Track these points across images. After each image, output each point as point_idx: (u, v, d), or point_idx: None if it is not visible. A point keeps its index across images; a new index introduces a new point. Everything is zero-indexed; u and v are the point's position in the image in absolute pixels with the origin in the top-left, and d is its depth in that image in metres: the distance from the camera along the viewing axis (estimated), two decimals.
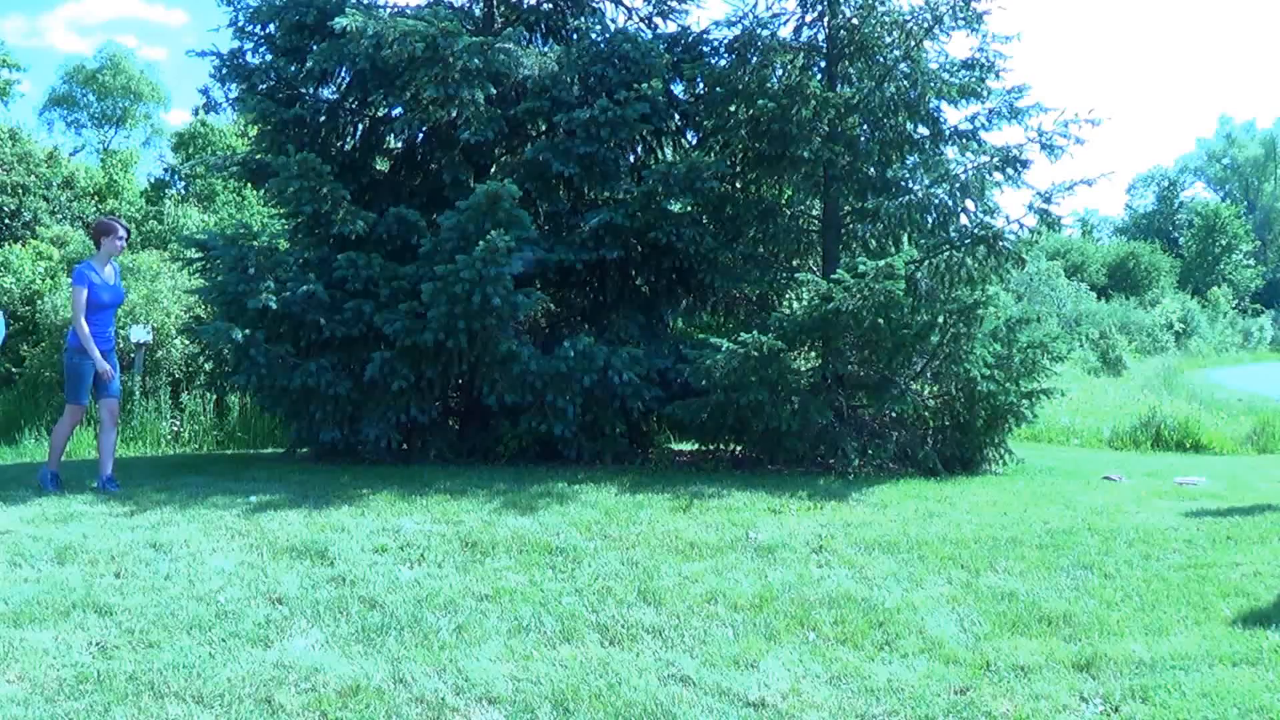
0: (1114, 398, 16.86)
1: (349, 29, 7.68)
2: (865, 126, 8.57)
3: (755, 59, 8.38)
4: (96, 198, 24.07)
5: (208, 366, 9.01)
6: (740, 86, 8.33)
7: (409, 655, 3.71)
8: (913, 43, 8.26)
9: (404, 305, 7.50)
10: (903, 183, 8.64)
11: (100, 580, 4.58)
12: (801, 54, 8.57)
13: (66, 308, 12.26)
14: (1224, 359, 34.18)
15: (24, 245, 16.50)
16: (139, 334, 10.94)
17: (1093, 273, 41.90)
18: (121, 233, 6.96)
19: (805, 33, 8.61)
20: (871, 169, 8.57)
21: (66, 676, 3.46)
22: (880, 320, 7.62)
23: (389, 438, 7.87)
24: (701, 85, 8.90)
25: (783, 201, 9.09)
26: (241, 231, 8.14)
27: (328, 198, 7.82)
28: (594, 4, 9.29)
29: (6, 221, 19.28)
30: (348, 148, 9.16)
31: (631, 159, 8.88)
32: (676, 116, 8.99)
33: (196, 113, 23.37)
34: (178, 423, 10.45)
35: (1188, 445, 11.25)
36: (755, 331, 7.41)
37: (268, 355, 7.51)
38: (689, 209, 8.71)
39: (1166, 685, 3.48)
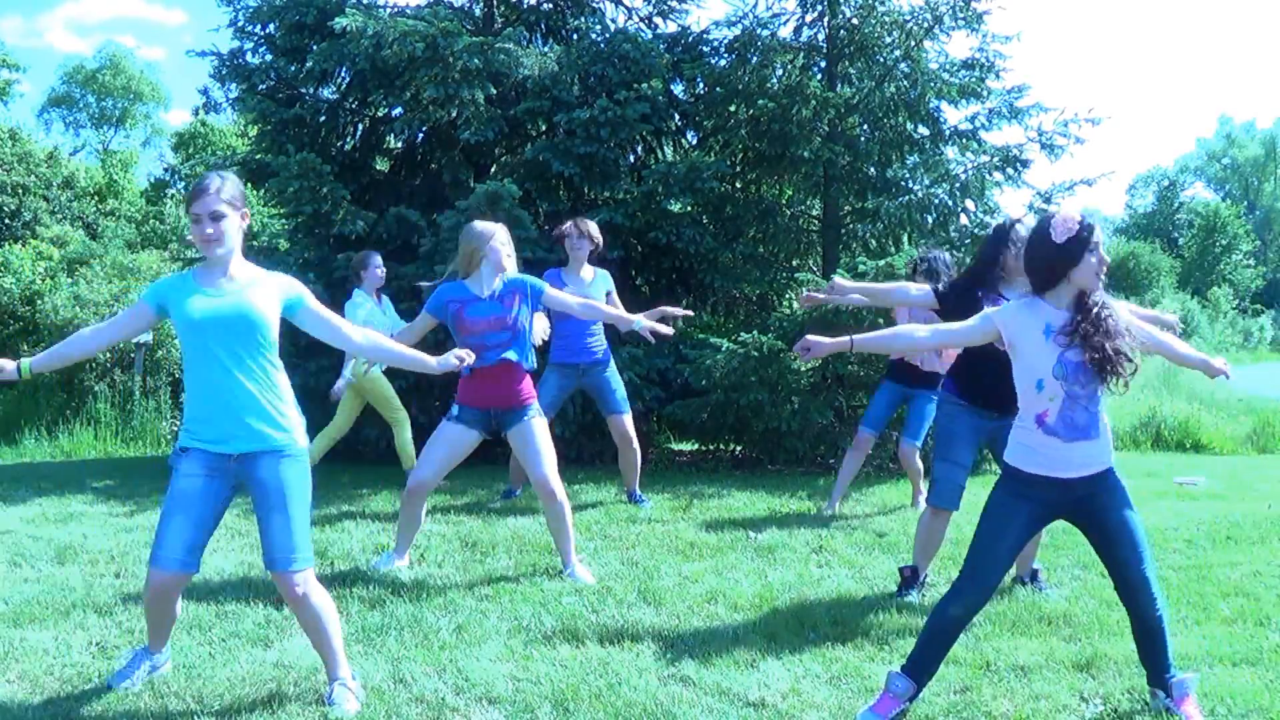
0: (1114, 398, 16.81)
1: (349, 29, 7.68)
2: (865, 126, 8.58)
3: (755, 59, 8.38)
4: (96, 198, 24.09)
5: None
6: (740, 86, 8.33)
7: (409, 655, 3.70)
8: (913, 43, 8.26)
9: (404, 305, 7.50)
10: (903, 183, 8.64)
11: (100, 580, 4.58)
12: (801, 54, 8.57)
13: (68, 307, 12.24)
14: (1224, 359, 34.06)
15: (24, 245, 16.52)
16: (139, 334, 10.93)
17: None
18: (570, 230, 6.20)
19: (805, 33, 8.62)
20: (871, 169, 8.57)
21: (66, 676, 3.46)
22: (880, 320, 7.61)
23: (389, 438, 7.85)
24: (701, 85, 8.90)
25: (783, 201, 9.10)
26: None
27: (328, 198, 7.82)
28: (594, 4, 9.29)
29: (6, 221, 19.31)
30: (348, 148, 9.16)
31: (631, 159, 8.88)
32: (676, 116, 8.99)
33: (196, 113, 23.42)
34: (178, 423, 10.44)
35: (1188, 445, 11.23)
36: (755, 331, 7.41)
37: None
38: (689, 209, 8.71)
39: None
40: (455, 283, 4.67)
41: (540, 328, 5.16)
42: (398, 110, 8.83)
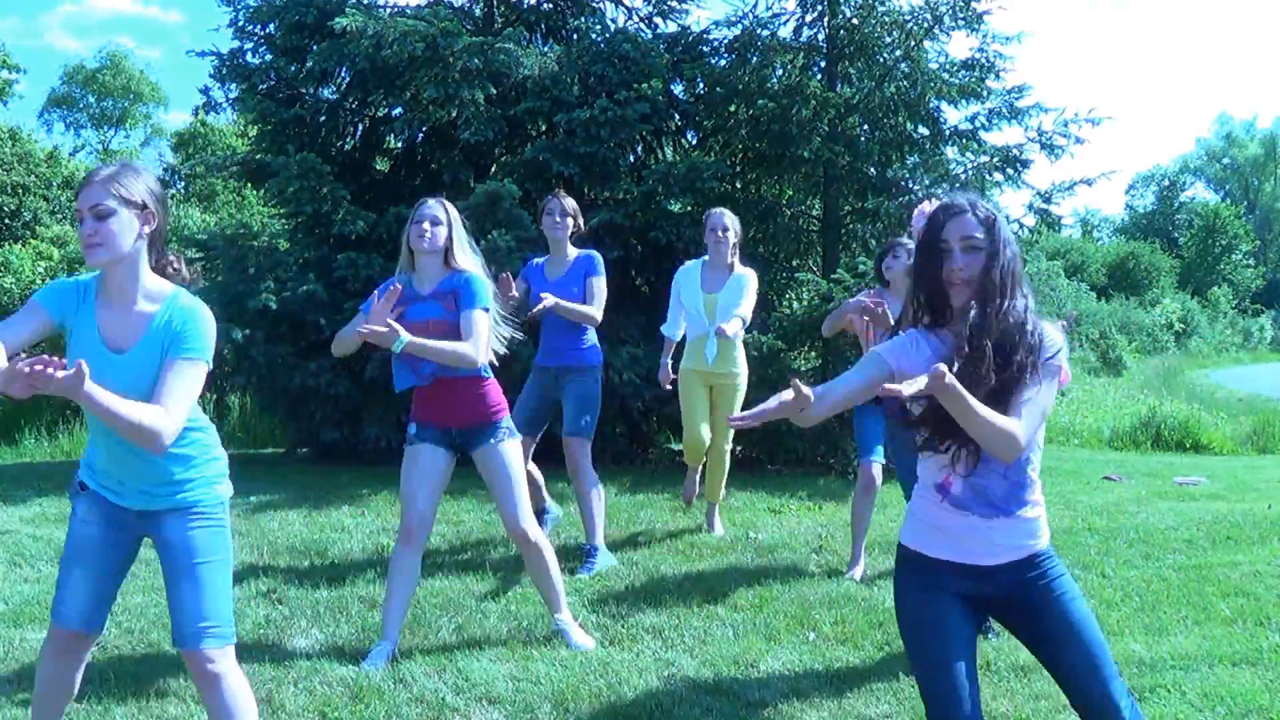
0: (1114, 398, 16.84)
1: (349, 29, 7.68)
2: (865, 126, 8.58)
3: (755, 59, 8.38)
4: None
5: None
6: (740, 86, 8.33)
7: (409, 655, 3.70)
8: (913, 43, 8.26)
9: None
10: (903, 183, 8.64)
11: None
12: (801, 54, 8.57)
13: None
14: (1224, 359, 34.12)
15: (24, 245, 16.52)
16: None
17: (1093, 273, 41.87)
18: (551, 205, 5.15)
19: (805, 33, 8.62)
20: (871, 169, 8.57)
21: None
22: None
23: (389, 438, 7.87)
24: (701, 85, 8.90)
25: (783, 201, 9.09)
26: (241, 231, 8.14)
27: (328, 198, 7.82)
28: (594, 4, 9.28)
29: (6, 221, 19.30)
30: (348, 148, 9.15)
31: (631, 159, 8.88)
32: (676, 116, 8.99)
33: (196, 113, 23.43)
34: None
35: (1188, 445, 11.23)
36: (755, 331, 7.41)
37: (267, 355, 7.51)
38: (689, 209, 8.70)
39: (1166, 685, 3.48)
40: (405, 274, 3.89)
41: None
42: (398, 110, 8.83)
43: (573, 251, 5.18)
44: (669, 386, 5.64)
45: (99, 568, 2.60)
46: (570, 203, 5.18)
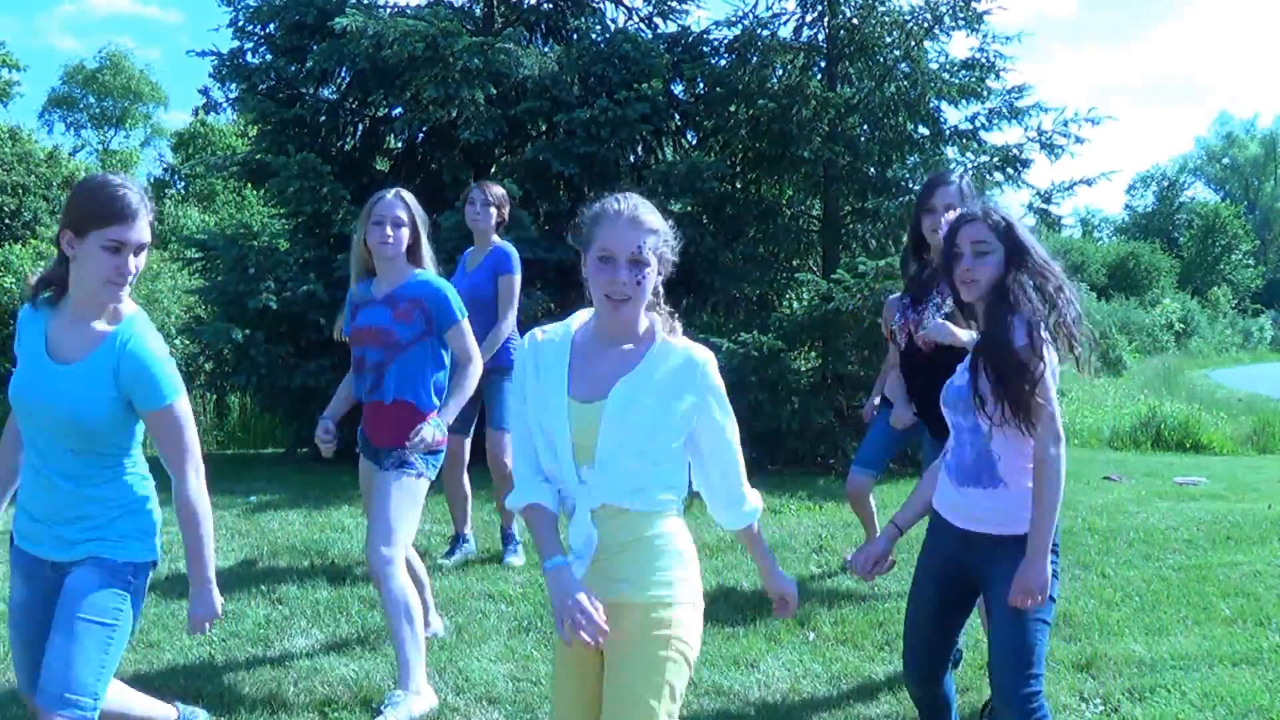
0: (1114, 398, 16.83)
1: (349, 29, 7.68)
2: (865, 126, 8.58)
3: (755, 59, 8.39)
4: None
5: (208, 366, 9.02)
6: (740, 86, 8.33)
7: None
8: (913, 43, 8.26)
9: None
10: (903, 183, 8.63)
11: None
12: (801, 54, 8.57)
13: None
14: (1224, 359, 34.11)
15: (24, 245, 16.50)
16: None
17: (1093, 273, 41.82)
18: (474, 195, 4.92)
19: (805, 33, 8.62)
20: (871, 169, 8.57)
21: None
22: (880, 320, 7.63)
23: None
24: (701, 85, 8.90)
25: (783, 201, 9.10)
26: (241, 231, 8.14)
27: (328, 198, 7.82)
28: (594, 4, 9.29)
29: (6, 221, 19.27)
30: (348, 148, 9.15)
31: (631, 159, 8.88)
32: (676, 116, 8.99)
33: (196, 113, 23.43)
34: None
35: (1188, 445, 11.24)
36: (755, 331, 7.41)
37: (268, 355, 7.50)
38: (689, 209, 8.70)
39: (1166, 685, 3.48)
40: (364, 282, 3.61)
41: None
42: (398, 110, 8.83)
43: (495, 243, 4.92)
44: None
45: (24, 634, 2.48)
46: (496, 191, 4.95)
